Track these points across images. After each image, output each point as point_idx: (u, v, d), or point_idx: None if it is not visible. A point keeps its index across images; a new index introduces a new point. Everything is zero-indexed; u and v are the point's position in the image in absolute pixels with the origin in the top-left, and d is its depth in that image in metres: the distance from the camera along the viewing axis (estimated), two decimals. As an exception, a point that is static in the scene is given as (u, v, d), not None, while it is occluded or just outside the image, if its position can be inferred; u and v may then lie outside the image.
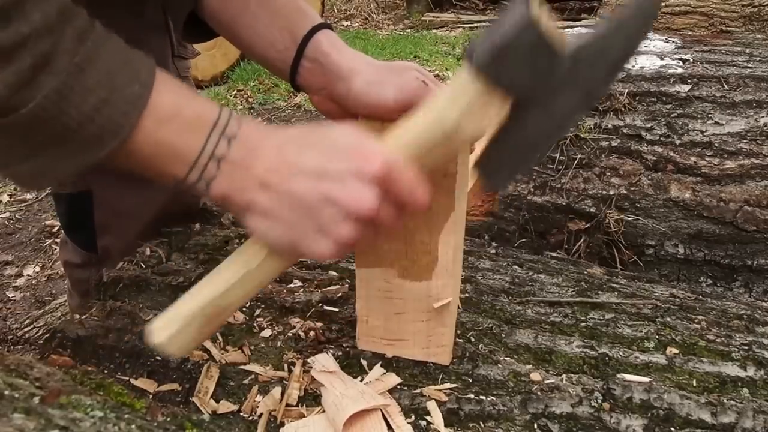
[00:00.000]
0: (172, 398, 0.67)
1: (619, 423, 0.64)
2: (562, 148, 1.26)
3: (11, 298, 1.85)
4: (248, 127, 0.55)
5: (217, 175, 0.53)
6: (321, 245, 0.53)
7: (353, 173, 0.52)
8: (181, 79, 0.93)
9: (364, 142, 0.54)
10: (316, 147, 0.54)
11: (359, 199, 0.51)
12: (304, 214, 0.53)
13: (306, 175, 0.52)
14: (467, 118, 0.52)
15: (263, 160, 0.53)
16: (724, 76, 1.30)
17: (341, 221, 0.52)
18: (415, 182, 0.54)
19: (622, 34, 0.52)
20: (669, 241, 1.23)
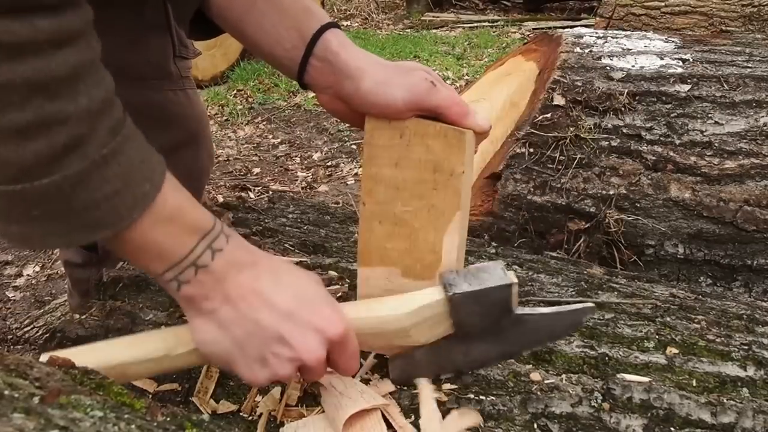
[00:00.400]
0: (171, 398, 0.67)
1: (618, 423, 0.64)
2: (561, 148, 1.26)
3: (11, 298, 1.85)
4: (235, 244, 0.58)
5: (191, 281, 0.56)
6: (256, 373, 0.58)
7: (316, 328, 0.57)
8: (182, 79, 0.94)
9: (330, 304, 0.60)
10: (289, 289, 0.59)
11: (311, 351, 0.57)
12: (255, 341, 0.57)
13: (275, 310, 0.57)
14: (418, 329, 0.62)
15: (239, 279, 0.57)
16: (724, 75, 1.30)
17: (286, 362, 0.57)
18: (354, 354, 0.61)
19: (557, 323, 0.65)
20: (669, 241, 1.23)
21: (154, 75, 0.89)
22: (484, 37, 5.04)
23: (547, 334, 0.66)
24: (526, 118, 1.33)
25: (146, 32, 0.85)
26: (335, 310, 0.59)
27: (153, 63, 0.89)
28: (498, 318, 0.62)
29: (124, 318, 0.77)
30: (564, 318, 0.64)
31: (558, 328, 0.66)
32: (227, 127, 3.33)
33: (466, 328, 0.63)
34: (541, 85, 1.38)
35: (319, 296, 0.60)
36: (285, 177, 2.61)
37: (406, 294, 0.63)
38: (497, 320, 0.62)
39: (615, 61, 1.37)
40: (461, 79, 3.91)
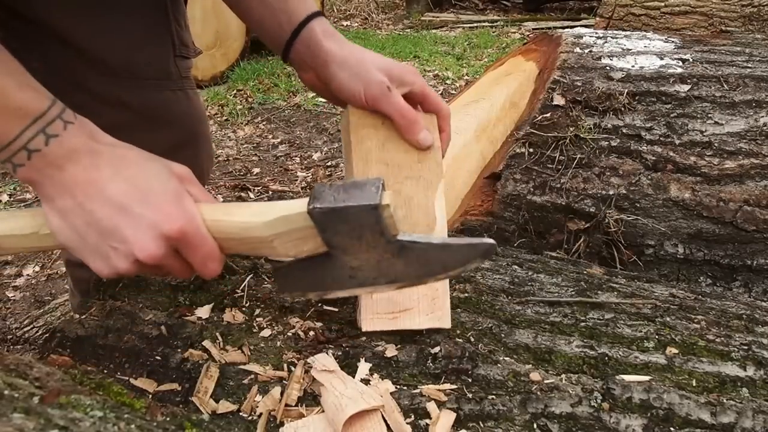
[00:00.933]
0: (171, 398, 0.67)
1: (618, 423, 0.64)
2: (561, 148, 1.26)
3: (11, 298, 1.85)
4: (75, 131, 0.56)
5: (25, 164, 0.55)
6: (98, 265, 0.58)
7: (149, 223, 0.55)
8: (182, 80, 0.94)
9: (175, 199, 0.57)
10: (130, 181, 0.56)
11: (143, 247, 0.55)
12: (93, 234, 0.56)
13: (109, 203, 0.55)
14: (281, 240, 0.57)
15: (77, 168, 0.55)
16: (724, 76, 1.30)
17: (122, 256, 0.56)
18: (211, 255, 0.58)
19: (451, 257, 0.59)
20: (669, 241, 1.23)
21: (154, 75, 0.90)
22: (483, 37, 5.04)
23: (441, 267, 0.60)
24: (525, 118, 1.33)
25: (147, 33, 0.86)
26: (178, 207, 0.56)
27: (153, 63, 0.89)
28: (373, 242, 0.56)
29: (124, 318, 0.77)
30: (457, 252, 0.59)
31: (451, 261, 0.59)
32: (227, 127, 3.33)
33: (339, 248, 0.58)
34: (541, 85, 1.38)
35: (162, 190, 0.57)
36: (285, 177, 2.61)
37: (273, 202, 0.59)
38: (373, 244, 0.57)
39: (615, 61, 1.37)
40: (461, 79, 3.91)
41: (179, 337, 0.74)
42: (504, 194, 1.26)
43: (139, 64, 0.86)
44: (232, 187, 2.52)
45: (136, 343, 0.73)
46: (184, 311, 0.78)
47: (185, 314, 0.77)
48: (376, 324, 0.73)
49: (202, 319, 0.77)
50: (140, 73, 0.87)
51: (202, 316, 0.77)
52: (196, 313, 0.78)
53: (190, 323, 0.76)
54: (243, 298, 0.81)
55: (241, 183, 2.55)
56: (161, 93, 0.91)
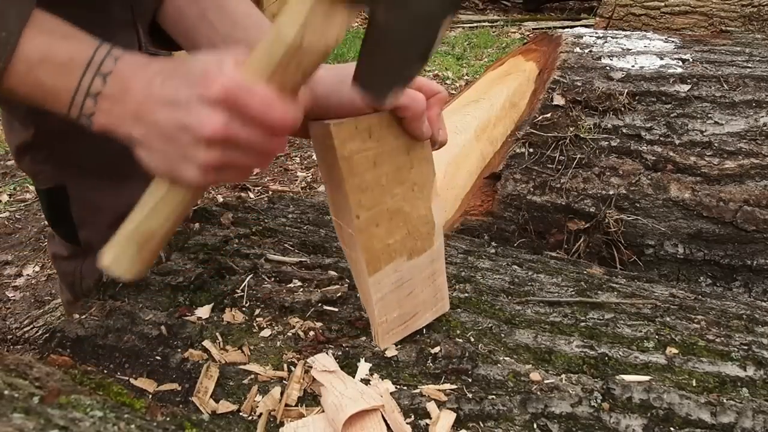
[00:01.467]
0: (171, 398, 0.67)
1: (618, 423, 0.64)
2: (561, 148, 1.26)
3: (11, 298, 1.85)
4: (125, 62, 0.57)
5: (95, 111, 0.56)
6: (189, 172, 0.55)
7: (196, 98, 0.53)
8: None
9: (212, 66, 0.54)
10: (174, 76, 0.56)
11: (201, 122, 0.53)
12: (167, 142, 0.55)
13: (164, 104, 0.55)
14: (309, 30, 0.51)
15: (135, 93, 0.56)
16: (724, 75, 1.30)
17: (196, 146, 0.54)
18: (266, 100, 0.54)
19: None
20: (668, 241, 1.23)
21: None
22: (483, 37, 5.04)
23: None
24: (525, 118, 1.33)
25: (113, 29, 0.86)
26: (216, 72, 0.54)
27: None
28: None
29: (124, 318, 0.77)
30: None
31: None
32: (227, 127, 3.32)
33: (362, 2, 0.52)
34: (541, 85, 1.38)
35: (201, 67, 0.55)
36: (284, 177, 2.61)
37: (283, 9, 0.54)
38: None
39: (615, 61, 1.37)
40: (461, 79, 3.91)
41: (179, 337, 0.74)
42: (504, 194, 1.26)
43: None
44: (231, 187, 2.52)
45: (136, 343, 0.73)
46: (184, 311, 0.78)
47: (185, 314, 0.77)
48: (391, 339, 0.73)
49: (202, 319, 0.77)
50: None
51: (202, 316, 0.77)
52: (196, 313, 0.78)
53: (190, 323, 0.76)
54: (243, 298, 0.81)
55: (240, 183, 2.55)
56: None
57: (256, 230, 1.00)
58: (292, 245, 0.96)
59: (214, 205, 1.11)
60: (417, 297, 0.73)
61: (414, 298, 0.73)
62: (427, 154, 0.70)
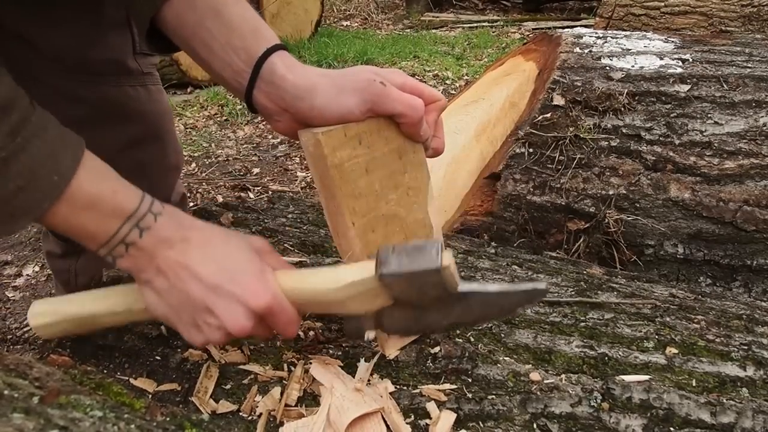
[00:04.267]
0: (171, 398, 0.67)
1: (618, 423, 0.64)
2: (561, 148, 1.26)
3: (11, 298, 1.85)
4: (164, 221, 0.62)
5: (124, 256, 0.62)
6: (192, 336, 0.64)
7: (240, 300, 0.61)
8: (143, 75, 0.94)
9: (260, 275, 0.62)
10: (218, 263, 0.62)
11: (236, 322, 0.61)
12: (188, 310, 0.62)
13: (202, 283, 0.61)
14: (353, 301, 0.62)
15: (169, 254, 0.61)
16: (724, 76, 1.30)
17: (215, 329, 0.62)
18: (291, 321, 0.64)
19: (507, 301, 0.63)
20: (668, 241, 1.23)
21: (112, 71, 0.91)
22: (483, 37, 5.04)
23: (498, 310, 0.66)
24: (525, 118, 1.33)
25: (106, 29, 0.87)
26: (262, 282, 0.62)
27: (111, 59, 0.90)
28: (436, 295, 0.61)
29: (124, 318, 0.77)
30: (513, 297, 0.63)
31: (507, 305, 0.65)
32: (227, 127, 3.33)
33: (407, 303, 0.63)
34: (541, 85, 1.38)
35: (247, 268, 0.62)
36: (284, 177, 2.61)
37: (342, 267, 0.63)
38: (437, 298, 0.62)
39: (615, 61, 1.37)
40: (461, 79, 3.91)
41: (179, 337, 0.74)
42: (504, 194, 1.26)
43: (95, 60, 0.87)
44: (231, 187, 2.52)
45: (135, 343, 0.73)
46: (183, 311, 0.78)
47: (185, 314, 0.77)
48: (398, 344, 0.73)
49: (202, 319, 0.77)
50: (96, 68, 0.88)
51: (202, 316, 0.77)
52: (196, 313, 0.77)
53: (190, 323, 0.76)
54: (243, 298, 0.80)
55: (241, 183, 2.54)
56: (120, 88, 0.92)
57: (256, 230, 1.00)
58: (292, 245, 0.96)
59: (214, 205, 1.11)
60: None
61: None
62: (420, 158, 0.70)
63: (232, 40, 0.69)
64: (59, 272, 1.12)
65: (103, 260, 0.64)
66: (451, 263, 0.58)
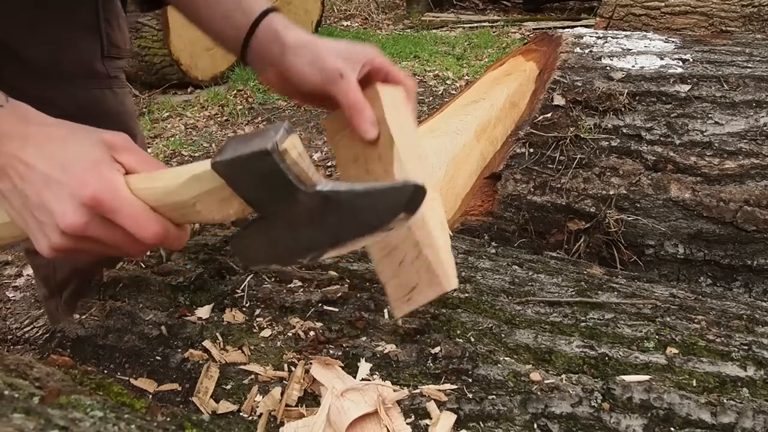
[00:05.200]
0: (171, 398, 0.67)
1: (618, 423, 0.64)
2: (561, 148, 1.26)
3: (11, 298, 1.86)
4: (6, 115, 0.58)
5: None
6: (40, 244, 0.58)
7: (68, 192, 0.56)
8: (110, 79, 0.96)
9: (93, 166, 0.57)
10: (53, 155, 0.57)
11: (64, 216, 0.55)
12: (27, 210, 0.58)
13: (35, 179, 0.56)
14: (203, 203, 0.56)
15: (7, 149, 0.57)
16: (724, 76, 1.30)
17: (52, 229, 0.57)
18: (137, 218, 0.56)
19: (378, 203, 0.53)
20: (669, 241, 1.23)
21: (82, 74, 0.92)
22: (484, 37, 5.04)
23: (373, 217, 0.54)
24: (526, 118, 1.33)
25: (77, 32, 0.87)
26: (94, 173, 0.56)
27: (82, 62, 0.91)
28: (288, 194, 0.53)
29: (124, 318, 0.77)
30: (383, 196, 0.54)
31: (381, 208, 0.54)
32: (227, 127, 3.33)
33: (261, 206, 0.55)
34: (541, 85, 1.38)
35: (82, 158, 0.57)
36: (285, 177, 2.61)
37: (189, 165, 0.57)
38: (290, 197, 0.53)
39: (615, 61, 1.37)
40: (461, 79, 3.91)
41: (179, 338, 0.74)
42: (504, 194, 1.26)
43: (64, 62, 0.88)
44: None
45: (136, 344, 0.73)
46: (184, 311, 0.78)
47: (185, 314, 0.77)
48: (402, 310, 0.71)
49: (203, 319, 0.77)
50: (66, 71, 0.89)
51: (203, 316, 0.77)
52: (197, 313, 0.78)
53: (191, 323, 0.76)
54: (243, 298, 0.81)
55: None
56: (88, 91, 0.93)
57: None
58: (293, 245, 0.96)
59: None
60: (409, 268, 0.71)
61: (407, 269, 0.71)
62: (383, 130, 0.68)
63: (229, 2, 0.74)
64: (39, 268, 1.14)
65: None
66: (294, 147, 0.51)
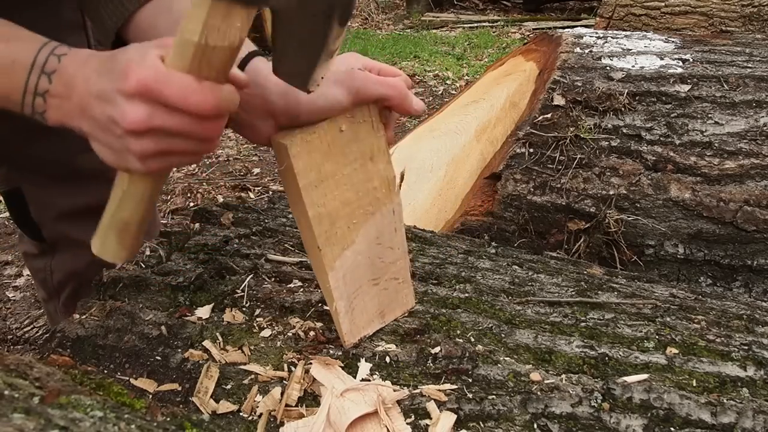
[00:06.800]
0: (171, 398, 0.67)
1: (618, 423, 0.64)
2: (561, 148, 1.26)
3: (11, 298, 1.86)
4: (68, 59, 0.59)
5: (46, 108, 0.60)
6: (129, 162, 0.58)
7: (116, 92, 0.56)
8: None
9: (132, 60, 0.56)
10: (106, 72, 0.58)
11: (124, 115, 0.55)
12: (106, 135, 0.58)
13: (97, 99, 0.57)
14: (212, 33, 0.54)
15: (78, 89, 0.58)
16: (724, 76, 1.30)
17: (126, 138, 0.56)
18: (183, 87, 0.55)
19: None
20: (669, 241, 1.23)
21: None
22: (484, 37, 5.04)
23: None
24: (526, 118, 1.33)
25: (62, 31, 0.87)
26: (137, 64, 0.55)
27: None
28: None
29: (124, 318, 0.77)
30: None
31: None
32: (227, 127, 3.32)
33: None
34: (541, 85, 1.38)
35: (126, 60, 0.56)
36: (285, 177, 2.61)
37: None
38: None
39: (615, 61, 1.37)
40: (461, 79, 3.91)
41: (179, 338, 0.74)
42: (504, 194, 1.26)
43: None
44: (232, 187, 2.52)
45: (136, 343, 0.73)
46: (184, 311, 0.78)
47: (185, 314, 0.77)
48: (360, 332, 0.74)
49: (203, 319, 0.77)
50: None
51: (203, 316, 0.77)
52: (197, 313, 0.78)
53: (191, 323, 0.76)
54: (243, 298, 0.81)
55: (241, 183, 2.55)
56: None
57: (256, 230, 1.00)
58: (293, 245, 0.96)
59: (215, 205, 1.11)
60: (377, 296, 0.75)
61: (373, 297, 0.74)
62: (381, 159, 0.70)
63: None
64: (36, 271, 1.15)
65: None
66: None
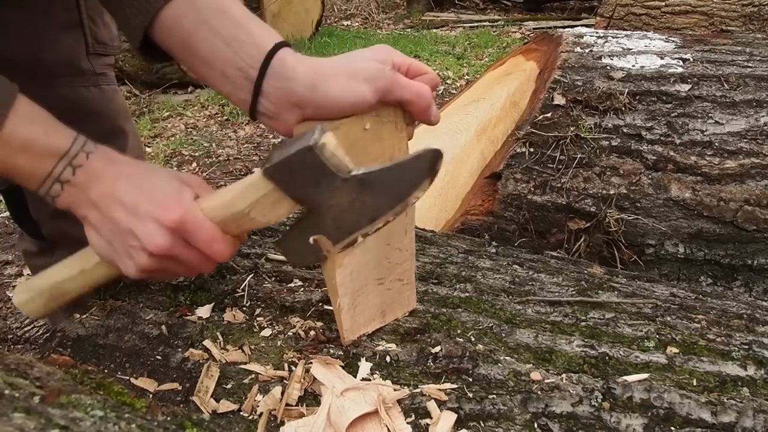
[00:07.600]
0: (172, 397, 0.67)
1: (619, 422, 0.64)
2: (562, 147, 1.26)
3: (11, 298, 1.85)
4: (95, 158, 0.65)
5: (60, 194, 0.65)
6: (127, 265, 0.66)
7: (153, 217, 0.63)
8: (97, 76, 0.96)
9: (176, 194, 0.64)
10: (139, 188, 0.65)
11: (152, 239, 0.63)
12: (116, 237, 0.65)
13: (125, 207, 0.64)
14: (257, 209, 0.63)
15: (100, 187, 0.65)
16: (725, 75, 1.30)
17: (140, 251, 0.64)
18: (211, 237, 0.64)
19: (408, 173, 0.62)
20: (669, 241, 1.23)
21: (65, 72, 0.91)
22: (484, 36, 5.04)
23: (405, 185, 0.63)
24: (526, 118, 1.33)
25: (57, 31, 0.87)
26: (177, 200, 0.64)
27: (64, 61, 0.91)
28: (330, 183, 0.59)
29: (124, 318, 0.77)
30: (409, 166, 0.61)
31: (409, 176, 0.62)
32: (227, 127, 3.33)
33: (308, 199, 0.61)
34: (542, 84, 1.38)
35: (165, 189, 0.65)
36: (285, 177, 2.61)
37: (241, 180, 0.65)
38: (332, 186, 0.59)
39: (615, 60, 1.37)
40: (461, 78, 3.91)
41: (180, 337, 0.74)
42: (504, 194, 1.26)
43: (48, 61, 0.88)
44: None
45: (136, 343, 0.73)
46: (184, 311, 0.78)
47: (186, 314, 0.78)
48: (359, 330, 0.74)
49: (203, 318, 0.77)
50: (49, 70, 0.89)
51: (203, 315, 0.77)
52: (197, 313, 0.78)
53: (191, 323, 0.76)
54: (243, 297, 0.81)
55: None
56: (73, 89, 0.93)
57: (256, 230, 1.00)
58: (293, 245, 0.96)
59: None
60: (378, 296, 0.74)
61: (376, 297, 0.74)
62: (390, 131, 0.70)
63: (239, 35, 0.66)
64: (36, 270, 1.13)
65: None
66: (330, 141, 0.57)
